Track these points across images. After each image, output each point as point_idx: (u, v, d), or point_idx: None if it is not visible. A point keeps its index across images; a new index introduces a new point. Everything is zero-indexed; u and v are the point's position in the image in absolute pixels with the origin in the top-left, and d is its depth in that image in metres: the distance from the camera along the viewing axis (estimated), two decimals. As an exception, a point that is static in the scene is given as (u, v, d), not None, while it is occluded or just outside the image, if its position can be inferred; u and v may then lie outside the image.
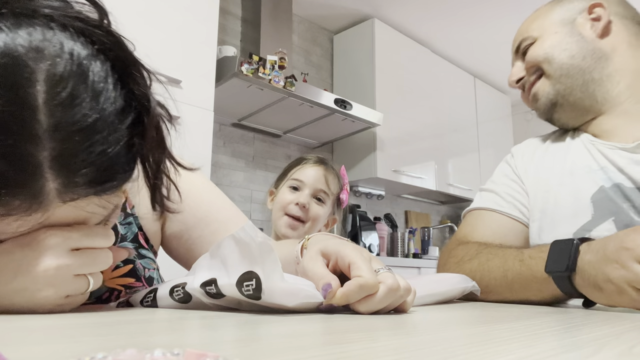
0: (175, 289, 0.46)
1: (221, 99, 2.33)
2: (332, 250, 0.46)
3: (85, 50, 0.37)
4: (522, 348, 0.28)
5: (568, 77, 0.86)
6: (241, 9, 2.87)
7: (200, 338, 0.30)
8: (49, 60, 0.34)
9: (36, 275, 0.38)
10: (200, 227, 0.65)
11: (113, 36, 0.39)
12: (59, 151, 0.34)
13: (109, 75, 0.38)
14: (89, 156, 0.35)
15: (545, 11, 0.92)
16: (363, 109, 2.78)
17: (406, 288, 0.45)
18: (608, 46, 0.85)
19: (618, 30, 0.86)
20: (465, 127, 3.80)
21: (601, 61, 0.85)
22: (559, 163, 0.85)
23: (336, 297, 0.42)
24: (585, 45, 0.86)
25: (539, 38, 0.89)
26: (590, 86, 0.85)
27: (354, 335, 0.32)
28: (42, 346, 0.25)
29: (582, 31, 0.87)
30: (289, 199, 1.32)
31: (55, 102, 0.34)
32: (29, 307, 0.39)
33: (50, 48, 0.35)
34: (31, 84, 0.33)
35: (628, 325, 0.41)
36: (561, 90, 0.86)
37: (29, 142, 0.33)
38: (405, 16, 3.26)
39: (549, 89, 0.88)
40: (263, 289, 0.40)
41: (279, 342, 0.28)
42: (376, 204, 3.49)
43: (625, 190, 0.75)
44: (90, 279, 0.41)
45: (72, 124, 0.34)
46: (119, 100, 0.38)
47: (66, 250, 0.39)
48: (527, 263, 0.67)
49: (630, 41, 0.86)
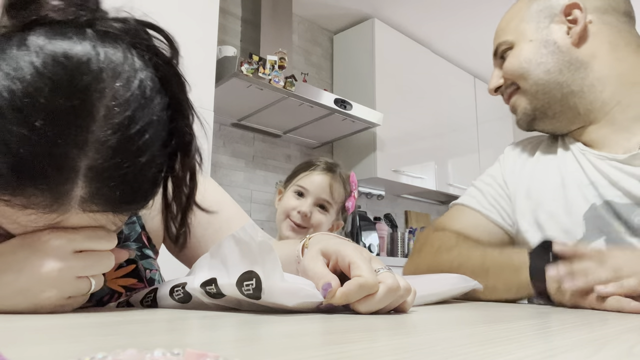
0: (175, 289, 0.46)
1: (221, 99, 2.33)
2: (333, 250, 0.46)
3: (153, 82, 0.40)
4: (522, 348, 0.28)
5: (545, 93, 0.81)
6: (241, 9, 2.87)
7: (200, 338, 0.30)
8: (121, 81, 0.37)
9: (39, 277, 0.39)
10: (202, 225, 0.65)
11: (178, 77, 0.43)
12: (98, 164, 0.36)
13: (165, 110, 0.41)
14: (123, 177, 0.38)
15: (521, 9, 0.85)
16: (363, 109, 2.78)
17: (406, 288, 0.45)
18: (587, 54, 0.79)
19: (598, 31, 0.79)
20: (465, 127, 3.80)
21: (580, 72, 0.79)
22: (550, 176, 0.81)
23: (336, 296, 0.42)
24: (561, 57, 0.79)
25: (515, 45, 0.84)
26: (570, 99, 0.79)
27: (354, 335, 0.32)
28: (42, 346, 0.25)
29: (558, 39, 0.80)
30: (292, 205, 1.33)
31: (114, 120, 0.36)
32: (31, 308, 0.39)
33: (125, 71, 0.37)
34: (100, 96, 0.36)
35: (628, 325, 0.41)
36: (539, 105, 0.82)
37: (76, 146, 0.35)
38: (405, 16, 3.26)
39: (525, 104, 0.84)
40: (263, 289, 0.40)
41: (279, 342, 0.28)
42: (376, 204, 3.49)
43: (616, 207, 0.72)
44: (92, 280, 0.42)
45: (119, 144, 0.37)
46: (165, 134, 0.41)
47: (69, 252, 0.39)
48: (506, 252, 0.72)
49: (612, 41, 0.79)
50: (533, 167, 0.85)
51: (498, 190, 0.87)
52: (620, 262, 0.56)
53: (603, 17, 0.79)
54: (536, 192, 0.81)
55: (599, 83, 0.78)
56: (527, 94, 0.83)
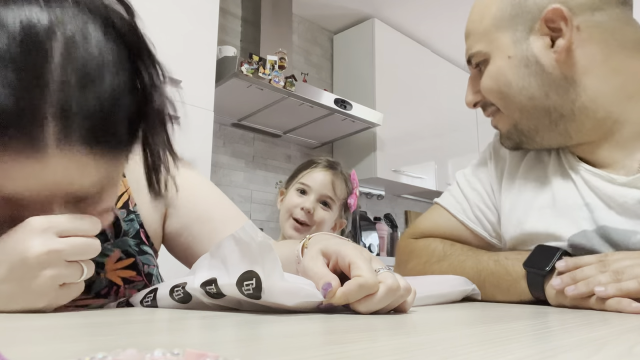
0: (176, 289, 0.46)
1: (221, 99, 2.33)
2: (333, 250, 0.46)
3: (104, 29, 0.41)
4: (522, 348, 0.28)
5: (530, 119, 0.71)
6: (241, 9, 2.87)
7: (200, 338, 0.30)
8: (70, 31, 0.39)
9: (29, 262, 0.39)
10: (199, 224, 0.66)
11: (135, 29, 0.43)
12: (64, 102, 0.37)
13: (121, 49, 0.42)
14: (90, 113, 0.39)
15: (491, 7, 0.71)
16: (363, 109, 2.78)
17: (406, 288, 0.45)
18: (576, 70, 0.67)
19: (588, 39, 0.66)
20: (465, 127, 3.80)
21: (569, 93, 0.67)
22: (539, 194, 0.73)
23: (336, 296, 0.42)
24: (546, 78, 0.68)
25: (491, 59, 0.71)
26: (560, 124, 0.69)
27: (354, 336, 0.32)
28: (42, 346, 0.25)
29: (540, 56, 0.67)
30: (295, 202, 1.34)
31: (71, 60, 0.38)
32: (27, 301, 0.40)
33: (73, 23, 0.39)
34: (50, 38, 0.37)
35: (628, 325, 0.41)
36: (525, 130, 0.72)
37: (38, 87, 0.37)
38: (405, 16, 3.27)
39: (508, 127, 0.74)
40: (263, 289, 0.40)
41: (279, 342, 0.28)
42: (376, 204, 3.49)
43: (611, 233, 0.64)
44: (84, 266, 0.42)
45: (80, 82, 0.38)
46: (126, 74, 0.42)
47: (54, 235, 0.40)
48: (502, 263, 0.69)
49: (604, 48, 0.67)
50: (523, 177, 0.77)
51: (485, 199, 0.81)
52: (621, 265, 0.56)
53: (593, 18, 0.66)
54: (522, 209, 0.74)
55: (592, 103, 0.67)
56: (511, 118, 0.73)
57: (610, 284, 0.54)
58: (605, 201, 0.66)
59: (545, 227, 0.70)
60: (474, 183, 0.84)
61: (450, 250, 0.78)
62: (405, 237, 0.88)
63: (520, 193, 0.76)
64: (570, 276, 0.58)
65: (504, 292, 0.68)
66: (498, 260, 0.70)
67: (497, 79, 0.71)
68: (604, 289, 0.54)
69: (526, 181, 0.76)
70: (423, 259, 0.79)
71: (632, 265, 0.55)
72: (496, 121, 0.76)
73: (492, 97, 0.73)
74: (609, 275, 0.55)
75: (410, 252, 0.83)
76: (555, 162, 0.74)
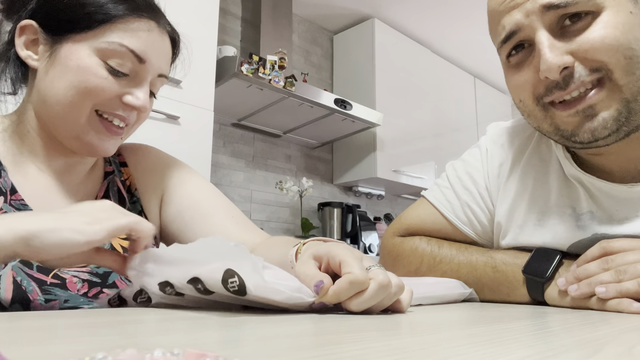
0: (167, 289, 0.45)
1: (221, 99, 2.33)
2: (324, 252, 0.46)
3: None
4: (522, 348, 0.28)
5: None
6: (241, 9, 2.86)
7: (199, 338, 0.30)
8: None
9: (106, 204, 0.48)
10: (191, 210, 0.71)
11: None
12: None
13: None
14: None
15: None
16: (363, 109, 2.78)
17: (398, 285, 0.45)
18: None
19: None
20: (465, 127, 3.80)
21: None
22: (538, 199, 0.70)
23: (327, 295, 0.42)
24: None
25: (604, 10, 0.56)
26: None
27: (353, 336, 0.32)
28: (42, 346, 0.25)
29: None
30: None
31: None
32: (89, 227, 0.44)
33: None
34: None
35: (628, 325, 0.41)
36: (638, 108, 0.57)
37: None
38: (405, 16, 3.26)
39: (619, 105, 0.57)
40: (247, 286, 0.40)
41: (279, 342, 0.28)
42: (376, 204, 3.49)
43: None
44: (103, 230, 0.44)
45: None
46: None
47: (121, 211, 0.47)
48: (501, 269, 0.69)
49: None
50: (521, 182, 0.73)
51: (478, 201, 0.77)
52: (624, 261, 0.56)
53: None
54: (519, 218, 0.71)
55: None
56: (621, 92, 0.56)
57: (611, 285, 0.54)
58: (606, 210, 0.65)
59: (543, 240, 0.68)
60: (466, 181, 0.79)
61: (439, 253, 0.75)
62: (389, 234, 0.84)
63: (517, 199, 0.73)
64: (574, 275, 0.58)
65: (503, 297, 0.69)
66: (496, 267, 0.69)
67: (625, 32, 0.55)
68: (605, 290, 0.54)
69: (524, 187, 0.72)
70: (413, 266, 0.77)
71: (635, 262, 0.55)
72: (596, 100, 0.57)
73: (611, 55, 0.55)
74: (611, 274, 0.55)
75: (397, 256, 0.80)
76: (555, 169, 0.70)
